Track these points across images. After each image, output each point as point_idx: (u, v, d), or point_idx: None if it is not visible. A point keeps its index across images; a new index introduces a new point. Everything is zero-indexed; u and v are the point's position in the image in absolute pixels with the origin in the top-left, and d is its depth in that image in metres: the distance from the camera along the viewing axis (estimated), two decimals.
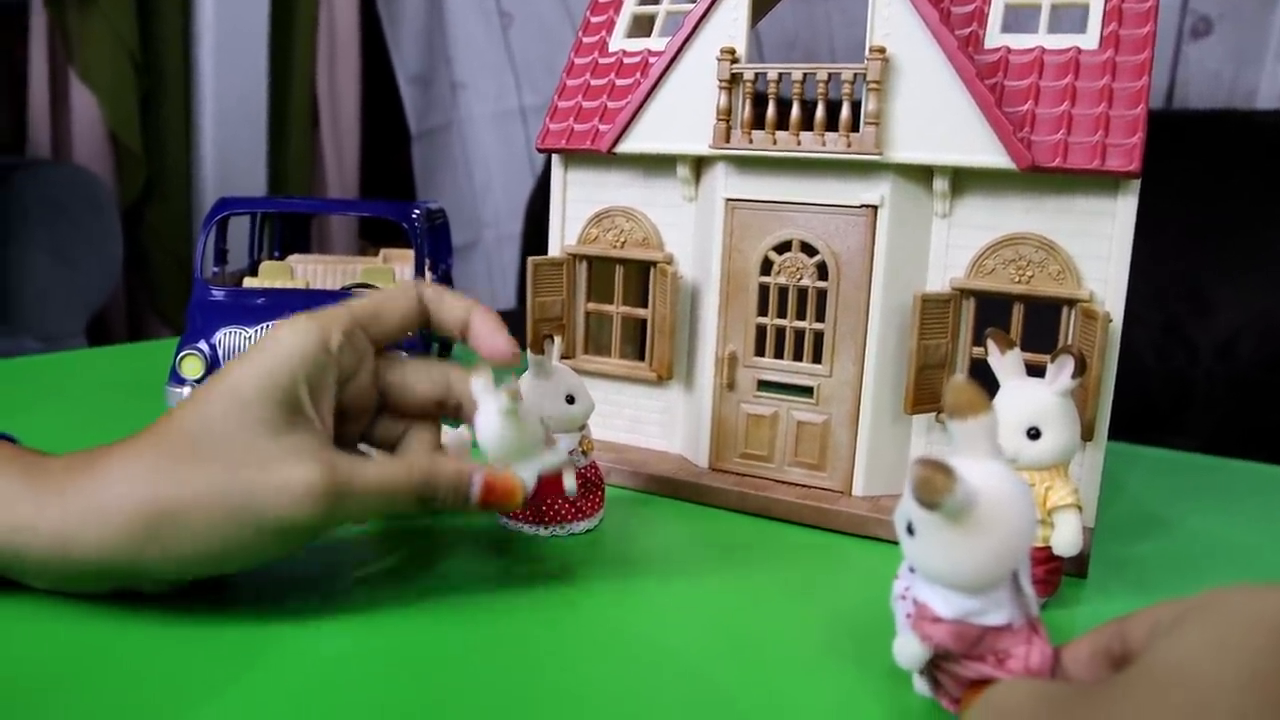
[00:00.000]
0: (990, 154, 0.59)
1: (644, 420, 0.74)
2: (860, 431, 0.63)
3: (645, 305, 0.72)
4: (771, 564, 0.57)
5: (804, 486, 0.65)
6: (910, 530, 0.38)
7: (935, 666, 0.39)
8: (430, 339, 0.87)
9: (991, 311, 0.61)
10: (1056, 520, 0.51)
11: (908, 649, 0.39)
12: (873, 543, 0.61)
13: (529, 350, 0.59)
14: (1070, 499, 0.51)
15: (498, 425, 0.48)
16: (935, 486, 0.34)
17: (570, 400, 0.60)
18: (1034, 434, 0.50)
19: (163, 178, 2.23)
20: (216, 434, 0.42)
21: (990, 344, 0.53)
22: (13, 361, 1.03)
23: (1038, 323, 0.61)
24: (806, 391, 0.65)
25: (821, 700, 0.42)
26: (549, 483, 0.57)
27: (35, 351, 1.66)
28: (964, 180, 0.61)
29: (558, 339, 0.61)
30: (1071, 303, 0.59)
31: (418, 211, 0.85)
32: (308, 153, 2.53)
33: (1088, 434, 0.57)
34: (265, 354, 0.44)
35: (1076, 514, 0.51)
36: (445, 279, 0.99)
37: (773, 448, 0.67)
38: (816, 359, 0.65)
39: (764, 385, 0.67)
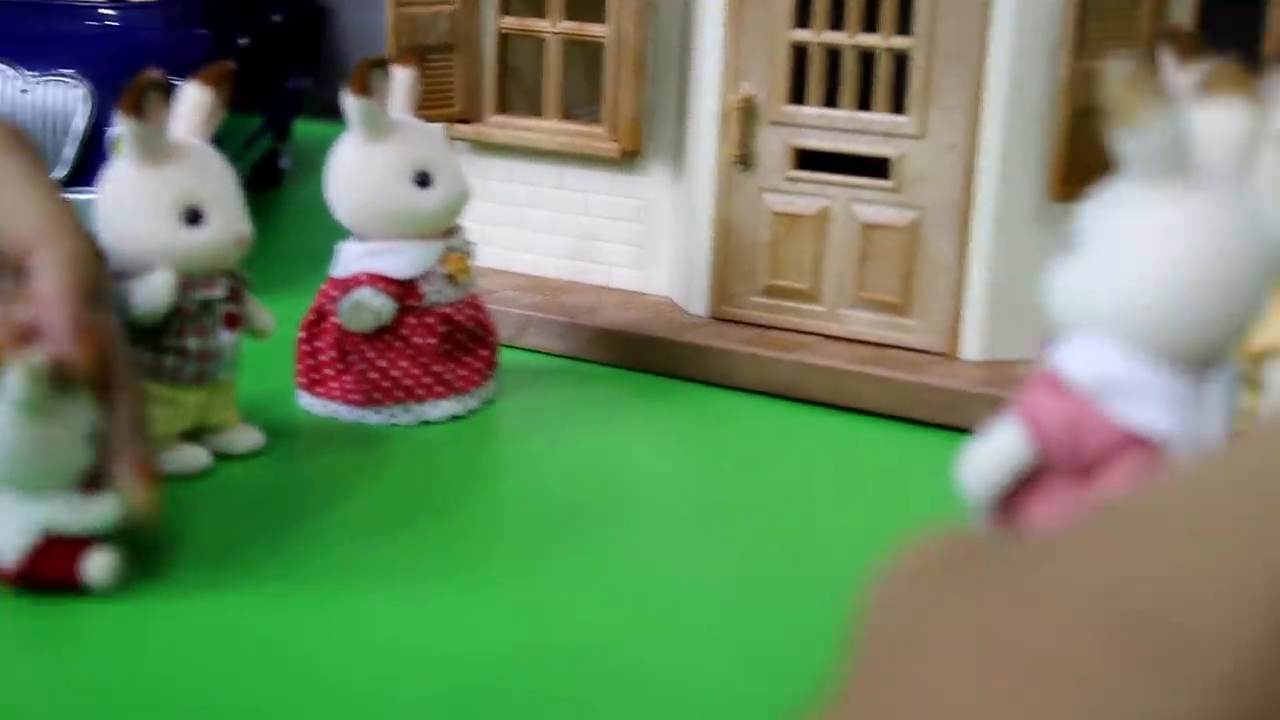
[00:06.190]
0: None
1: (601, 235, 0.56)
2: (974, 240, 0.47)
3: (602, 20, 0.53)
4: (816, 498, 0.40)
5: (875, 345, 0.50)
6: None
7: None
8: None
9: None
10: None
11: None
12: None
13: (349, 91, 0.41)
14: None
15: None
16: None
17: (423, 181, 0.42)
18: None
19: None
20: None
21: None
22: None
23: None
24: (880, 168, 0.48)
25: None
26: (396, 339, 0.42)
27: None
28: None
29: (400, 71, 0.43)
30: None
31: None
32: None
33: None
34: None
35: None
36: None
37: (819, 275, 0.50)
38: (898, 107, 0.48)
39: (806, 159, 0.49)
